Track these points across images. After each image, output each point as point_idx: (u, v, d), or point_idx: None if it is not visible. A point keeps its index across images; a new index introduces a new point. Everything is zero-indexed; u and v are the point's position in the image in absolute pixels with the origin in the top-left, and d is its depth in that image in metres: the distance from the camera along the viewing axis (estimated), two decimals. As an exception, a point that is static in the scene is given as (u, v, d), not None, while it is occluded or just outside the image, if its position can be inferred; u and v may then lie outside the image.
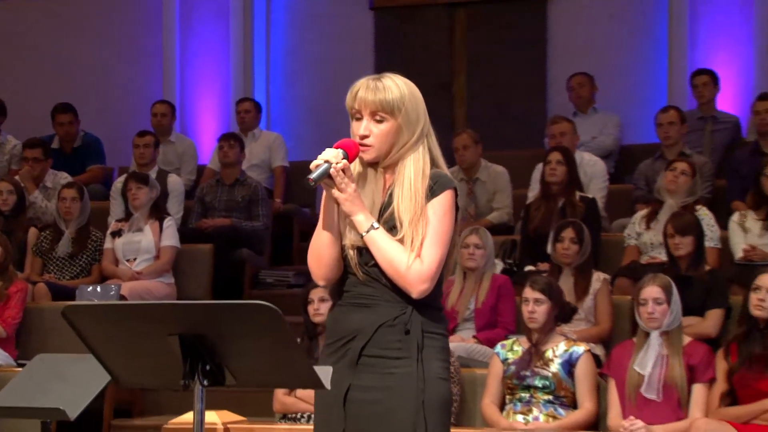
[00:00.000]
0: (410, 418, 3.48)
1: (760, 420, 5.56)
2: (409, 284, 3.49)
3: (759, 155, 7.96)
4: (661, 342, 5.70)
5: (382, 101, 3.57)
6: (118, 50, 12.09)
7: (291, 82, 11.85)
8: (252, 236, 9.04)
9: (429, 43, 11.56)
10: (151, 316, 2.94)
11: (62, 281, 8.33)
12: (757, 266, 6.90)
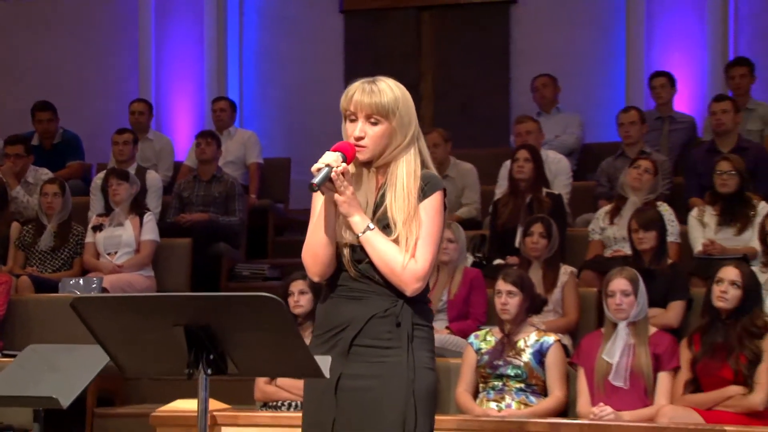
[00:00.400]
0: (401, 406, 3.49)
1: (722, 406, 5.58)
2: (405, 283, 3.51)
3: (715, 154, 7.99)
4: (629, 332, 5.73)
5: (377, 104, 3.55)
6: (95, 50, 12.05)
7: (263, 82, 11.85)
8: (228, 230, 9.03)
9: (397, 45, 11.57)
10: (157, 308, 2.95)
11: (44, 274, 8.27)
12: (716, 260, 6.98)
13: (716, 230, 7.22)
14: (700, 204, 7.63)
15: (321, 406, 3.53)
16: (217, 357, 2.96)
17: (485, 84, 11.23)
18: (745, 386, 5.59)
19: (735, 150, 7.91)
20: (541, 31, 11.16)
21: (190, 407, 5.35)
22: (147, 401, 7.59)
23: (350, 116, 3.60)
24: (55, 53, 12.05)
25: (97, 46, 12.11)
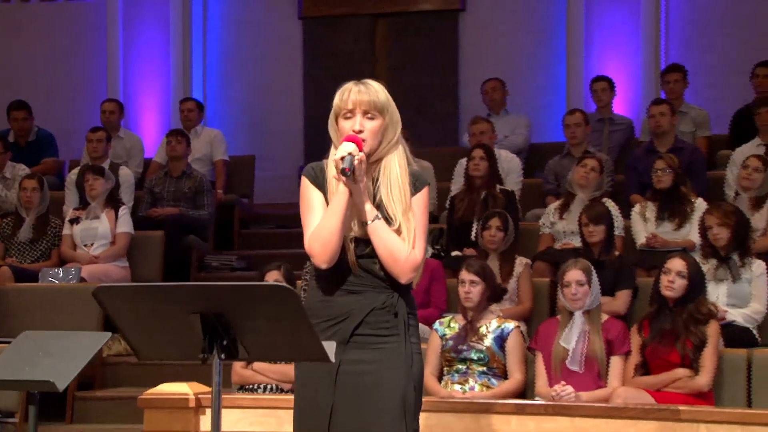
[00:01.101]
0: (401, 388, 3.53)
1: (670, 388, 5.63)
2: (404, 272, 3.53)
3: (653, 153, 8.09)
4: (583, 320, 5.76)
5: (374, 101, 3.59)
6: (65, 53, 11.95)
7: (226, 83, 11.81)
8: (198, 224, 9.01)
9: (353, 49, 11.58)
10: (175, 296, 2.94)
11: (24, 265, 8.22)
12: (658, 252, 7.07)
13: (657, 224, 7.28)
14: (641, 200, 7.72)
15: (319, 390, 3.53)
16: (230, 343, 2.96)
17: (436, 86, 11.28)
18: (691, 369, 5.65)
19: (672, 150, 8.00)
20: (488, 38, 11.22)
21: (176, 390, 5.36)
22: (123, 385, 7.58)
23: (346, 114, 3.61)
24: (26, 55, 11.94)
25: (67, 50, 12.00)
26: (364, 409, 3.51)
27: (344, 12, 11.62)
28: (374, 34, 11.61)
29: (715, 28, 10.79)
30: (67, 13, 12.18)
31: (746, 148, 8.09)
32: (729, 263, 6.35)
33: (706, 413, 4.71)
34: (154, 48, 11.81)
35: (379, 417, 3.51)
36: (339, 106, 3.64)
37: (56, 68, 11.86)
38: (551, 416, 4.88)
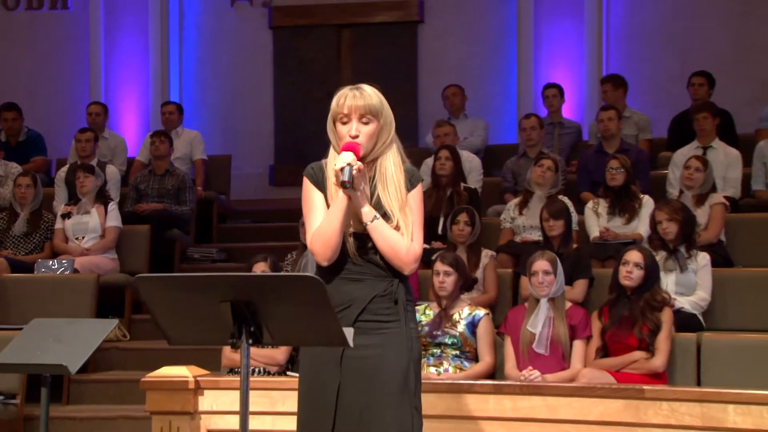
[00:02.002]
0: (403, 370, 3.54)
1: (628, 369, 5.69)
2: (406, 264, 3.55)
3: (602, 154, 8.16)
4: (549, 307, 5.80)
5: (369, 106, 3.59)
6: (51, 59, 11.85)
7: (201, 88, 11.74)
8: (180, 219, 8.95)
9: (319, 57, 11.57)
10: (209, 286, 2.92)
11: (19, 256, 8.12)
12: (610, 244, 7.13)
13: (608, 219, 7.32)
14: (591, 197, 7.77)
15: (326, 373, 3.52)
16: (257, 329, 2.95)
17: (396, 92, 10.99)
18: (648, 352, 5.71)
19: (619, 151, 8.05)
20: (444, 47, 11.26)
21: (176, 373, 5.31)
22: (115, 369, 7.53)
23: (343, 119, 3.61)
24: (12, 60, 11.81)
25: (51, 55, 11.90)
26: (368, 389, 3.51)
27: (311, 22, 11.62)
28: (339, 43, 11.60)
29: (651, 41, 10.90)
30: (51, 21, 12.06)
31: (686, 150, 8.16)
32: (677, 255, 6.41)
33: (668, 392, 4.74)
34: (133, 55, 11.73)
35: (383, 396, 3.51)
36: (336, 111, 3.63)
37: (41, 73, 11.76)
38: (526, 396, 4.88)
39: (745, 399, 4.62)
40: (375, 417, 3.51)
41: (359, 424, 3.51)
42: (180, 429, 5.20)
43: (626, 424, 4.74)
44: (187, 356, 6.99)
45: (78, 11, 11.98)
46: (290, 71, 11.57)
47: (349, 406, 3.52)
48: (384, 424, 3.50)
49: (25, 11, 12.08)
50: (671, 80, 10.43)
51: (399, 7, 11.45)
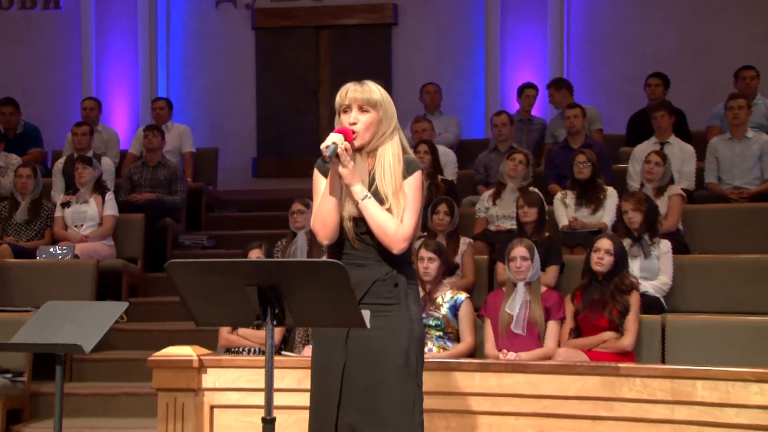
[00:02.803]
0: (404, 349, 3.54)
1: (599, 348, 5.74)
2: (394, 243, 3.52)
3: (568, 149, 8.22)
4: (525, 290, 5.84)
5: (368, 98, 3.60)
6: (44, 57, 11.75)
7: (187, 85, 11.69)
8: (172, 208, 8.91)
9: (299, 57, 11.56)
10: (238, 271, 2.91)
11: (20, 243, 8.06)
12: (578, 233, 7.19)
13: (575, 209, 7.38)
14: (558, 189, 7.83)
15: (333, 352, 3.53)
16: (280, 311, 2.95)
17: None
18: (617, 332, 5.76)
19: (583, 146, 8.10)
20: (417, 49, 11.27)
21: (181, 352, 5.31)
22: (113, 348, 7.49)
23: (345, 109, 3.62)
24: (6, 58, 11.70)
25: (44, 53, 11.80)
26: (372, 368, 3.52)
27: (292, 24, 11.60)
28: (318, 43, 11.58)
29: (609, 44, 10.97)
30: (44, 21, 11.95)
31: (644, 146, 8.22)
32: (641, 242, 6.47)
33: (641, 369, 4.80)
34: (123, 53, 11.65)
35: (386, 374, 3.52)
36: (339, 102, 3.65)
37: (35, 70, 11.65)
38: (510, 373, 4.92)
39: (712, 375, 4.69)
40: (378, 393, 3.52)
41: (364, 400, 3.53)
42: (185, 405, 5.20)
43: (602, 399, 4.80)
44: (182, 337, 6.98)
45: (70, 11, 11.88)
46: (272, 70, 11.55)
47: (354, 384, 3.53)
48: (387, 400, 3.52)
49: (18, 10, 11.97)
50: (628, 81, 10.51)
51: (374, 11, 11.45)
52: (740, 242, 7.27)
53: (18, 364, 6.53)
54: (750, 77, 9.18)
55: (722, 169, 8.11)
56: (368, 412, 3.52)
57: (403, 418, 3.54)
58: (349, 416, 3.54)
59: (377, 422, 3.52)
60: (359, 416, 3.53)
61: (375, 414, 3.52)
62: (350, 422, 3.53)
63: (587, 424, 4.81)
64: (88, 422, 6.41)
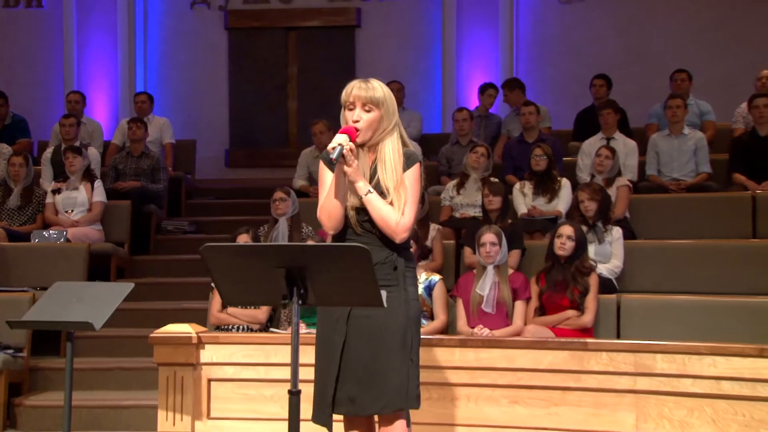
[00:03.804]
0: (401, 328, 3.55)
1: (562, 325, 5.80)
2: (396, 233, 3.53)
3: (524, 143, 8.28)
4: (494, 273, 5.87)
5: (372, 96, 3.58)
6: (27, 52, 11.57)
7: (164, 80, 11.57)
8: (155, 195, 8.81)
9: (269, 55, 11.50)
10: (269, 254, 2.90)
11: (14, 227, 7.93)
12: (536, 220, 7.26)
13: (533, 198, 7.45)
14: (515, 180, 7.88)
15: (335, 330, 3.53)
16: (305, 291, 2.95)
17: (336, 87, 11.08)
18: (578, 311, 5.83)
19: (537, 140, 8.17)
20: (379, 49, 11.28)
21: (180, 330, 5.29)
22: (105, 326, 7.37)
23: (349, 106, 3.60)
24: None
25: (28, 49, 11.62)
26: (371, 345, 3.52)
27: (262, 25, 11.54)
28: (287, 43, 11.53)
29: (555, 47, 11.07)
30: (27, 18, 11.77)
31: (592, 141, 8.31)
32: (595, 229, 6.52)
33: (607, 344, 4.88)
34: (103, 50, 11.51)
35: (384, 351, 3.53)
36: (344, 99, 3.62)
37: (18, 64, 11.49)
38: (487, 348, 4.98)
39: (671, 349, 4.79)
40: (377, 368, 3.52)
41: (363, 374, 3.52)
42: (184, 378, 5.19)
43: (571, 372, 4.89)
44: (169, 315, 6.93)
45: (51, 9, 11.70)
46: (243, 67, 11.47)
47: (353, 360, 3.52)
48: (384, 374, 3.52)
49: (2, 8, 11.76)
50: (571, 81, 10.62)
51: (339, 14, 11.43)
52: (679, 228, 7.37)
53: (18, 340, 6.43)
54: (682, 79, 9.31)
55: (662, 162, 8.22)
56: (366, 385, 3.52)
57: (398, 391, 3.54)
58: (348, 389, 3.54)
59: (374, 394, 3.53)
60: (358, 388, 3.53)
61: (372, 387, 3.52)
62: (349, 395, 3.54)
63: (558, 395, 4.89)
64: (86, 395, 6.33)
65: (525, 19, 11.13)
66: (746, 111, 8.65)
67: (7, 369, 6.18)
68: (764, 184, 7.70)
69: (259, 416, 5.17)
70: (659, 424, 4.76)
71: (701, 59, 10.41)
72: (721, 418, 4.67)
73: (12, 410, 6.22)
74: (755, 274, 6.61)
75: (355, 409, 3.53)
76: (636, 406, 4.78)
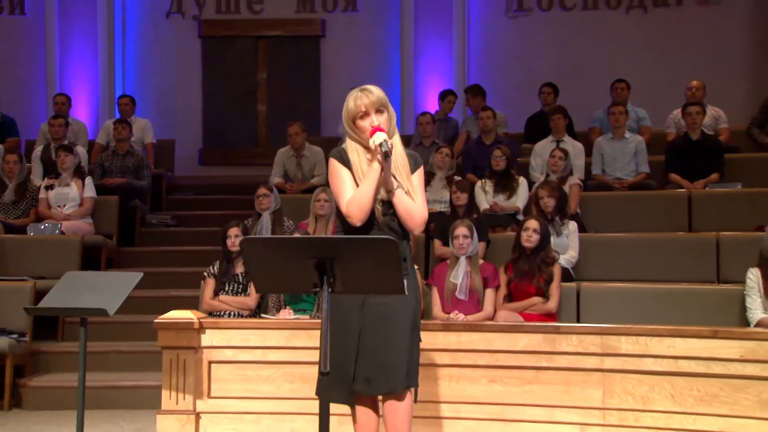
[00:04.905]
0: (411, 314, 3.57)
1: (529, 310, 5.84)
2: (417, 226, 3.56)
3: (483, 145, 8.32)
4: (467, 263, 5.90)
5: (380, 99, 3.57)
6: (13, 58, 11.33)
7: (141, 85, 11.40)
8: (140, 191, 8.69)
9: (240, 62, 11.41)
10: (303, 246, 2.87)
11: (9, 220, 7.77)
12: (497, 215, 7.30)
13: (494, 195, 7.50)
14: (475, 179, 7.92)
15: (350, 317, 3.51)
16: (334, 280, 2.93)
17: (302, 91, 11.24)
18: (543, 297, 5.88)
19: (495, 143, 8.20)
20: (342, 57, 11.25)
21: (183, 316, 5.22)
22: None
23: (362, 115, 3.56)
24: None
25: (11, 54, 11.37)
26: (386, 329, 3.52)
27: (234, 33, 11.44)
28: (257, 51, 11.44)
29: (502, 57, 11.14)
30: (10, 25, 11.52)
31: (544, 143, 8.38)
32: (554, 223, 6.57)
33: (577, 328, 4.93)
34: (84, 55, 11.28)
35: (398, 334, 3.54)
36: (354, 110, 3.55)
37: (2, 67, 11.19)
38: (468, 332, 5.00)
39: (634, 332, 4.86)
40: (390, 350, 3.53)
41: (377, 355, 3.52)
42: (186, 361, 5.13)
43: (545, 353, 4.93)
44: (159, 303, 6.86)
45: (34, 17, 11.45)
46: (216, 73, 11.36)
47: (369, 343, 3.52)
48: (397, 354, 3.54)
49: (-14, 15, 11.49)
50: (519, 88, 10.71)
51: (305, 24, 11.38)
52: (624, 223, 7.46)
53: (21, 326, 6.32)
54: (621, 88, 9.44)
55: (606, 163, 8.32)
56: (381, 365, 3.53)
57: (408, 371, 3.58)
58: (364, 370, 3.54)
59: (388, 373, 3.54)
60: (373, 369, 3.53)
61: (386, 366, 3.53)
62: (365, 375, 3.54)
63: (532, 374, 4.93)
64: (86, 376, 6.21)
65: (476, 31, 11.18)
66: (678, 117, 8.81)
67: (12, 352, 6.07)
68: (697, 183, 7.85)
69: (256, 395, 5.13)
70: (623, 399, 4.82)
71: (632, 71, 10.55)
72: (678, 393, 4.75)
73: (17, 391, 6.10)
74: (691, 264, 6.74)
75: (370, 389, 3.54)
76: (603, 384, 4.83)
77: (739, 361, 4.66)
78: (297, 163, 8.43)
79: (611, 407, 4.81)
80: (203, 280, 6.26)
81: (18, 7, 11.50)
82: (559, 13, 11.17)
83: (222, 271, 6.18)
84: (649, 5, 11.13)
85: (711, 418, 4.68)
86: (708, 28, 10.93)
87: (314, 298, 5.98)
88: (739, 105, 10.26)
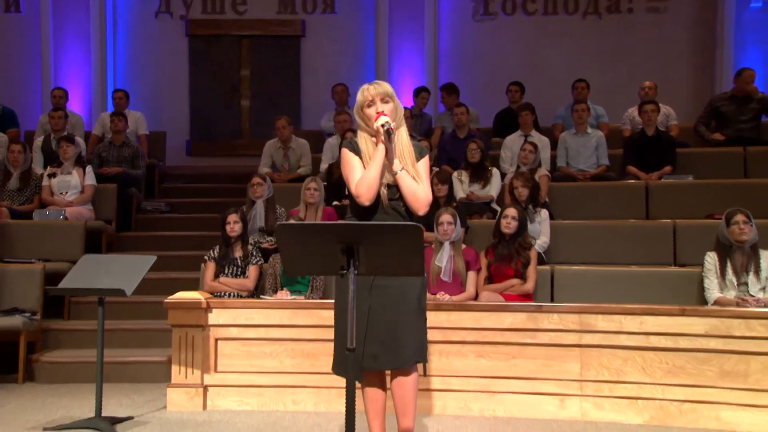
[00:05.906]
0: (417, 294, 3.57)
1: (508, 291, 5.87)
2: (422, 207, 3.53)
3: (457, 139, 8.34)
4: (450, 247, 5.91)
5: (386, 90, 3.60)
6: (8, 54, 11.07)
7: (132, 80, 11.22)
8: (136, 180, 8.58)
9: (224, 59, 11.29)
10: (332, 232, 2.85)
11: (14, 206, 7.64)
12: (472, 203, 7.33)
13: (469, 185, 7.54)
14: (450, 170, 7.94)
15: (359, 299, 3.46)
16: (359, 263, 2.93)
17: (284, 87, 11.16)
18: (521, 279, 5.92)
19: (468, 137, 8.23)
20: (321, 56, 11.18)
21: (191, 296, 5.20)
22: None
23: (369, 104, 3.59)
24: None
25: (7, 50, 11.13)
26: (394, 310, 3.53)
27: (219, 33, 11.31)
28: (240, 49, 11.33)
29: (469, 58, 11.16)
30: (6, 22, 11.26)
31: (513, 138, 8.42)
32: (527, 211, 6.63)
33: (558, 307, 4.99)
34: (77, 52, 11.09)
35: (406, 314, 3.55)
36: (362, 100, 3.60)
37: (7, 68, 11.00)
38: (457, 311, 5.04)
39: (609, 310, 4.94)
40: (397, 329, 3.54)
41: (385, 334, 3.53)
42: (194, 338, 5.12)
43: (528, 330, 4.99)
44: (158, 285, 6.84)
45: (29, 15, 11.22)
46: (202, 70, 11.24)
47: (377, 323, 3.52)
48: (405, 333, 3.55)
49: (-19, 13, 11.26)
50: (485, 87, 10.75)
51: (286, 25, 11.29)
52: (587, 211, 7.57)
53: (32, 305, 6.24)
54: (582, 87, 9.52)
55: (570, 156, 8.39)
56: (388, 343, 3.53)
57: (415, 348, 3.59)
58: (372, 348, 3.54)
59: (396, 350, 3.55)
60: (380, 347, 3.54)
61: (394, 344, 3.54)
62: (373, 353, 3.54)
63: (517, 349, 4.99)
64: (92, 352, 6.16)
65: (445, 33, 11.20)
66: (633, 114, 8.92)
67: (25, 330, 6.00)
68: (652, 175, 7.96)
69: (260, 370, 5.14)
70: (599, 372, 4.90)
71: (589, 71, 10.65)
72: (649, 366, 4.84)
73: (30, 365, 6.03)
74: (649, 248, 6.85)
75: (377, 365, 3.54)
76: (581, 358, 4.91)
77: (704, 336, 4.76)
78: (284, 154, 8.40)
79: (588, 379, 4.89)
80: (204, 263, 6.23)
81: (13, 5, 11.27)
82: (522, 17, 11.23)
83: (222, 254, 6.15)
84: (603, 12, 11.24)
85: (678, 388, 4.78)
86: (656, 34, 11.08)
87: (309, 280, 5.98)
88: (684, 103, 10.44)
